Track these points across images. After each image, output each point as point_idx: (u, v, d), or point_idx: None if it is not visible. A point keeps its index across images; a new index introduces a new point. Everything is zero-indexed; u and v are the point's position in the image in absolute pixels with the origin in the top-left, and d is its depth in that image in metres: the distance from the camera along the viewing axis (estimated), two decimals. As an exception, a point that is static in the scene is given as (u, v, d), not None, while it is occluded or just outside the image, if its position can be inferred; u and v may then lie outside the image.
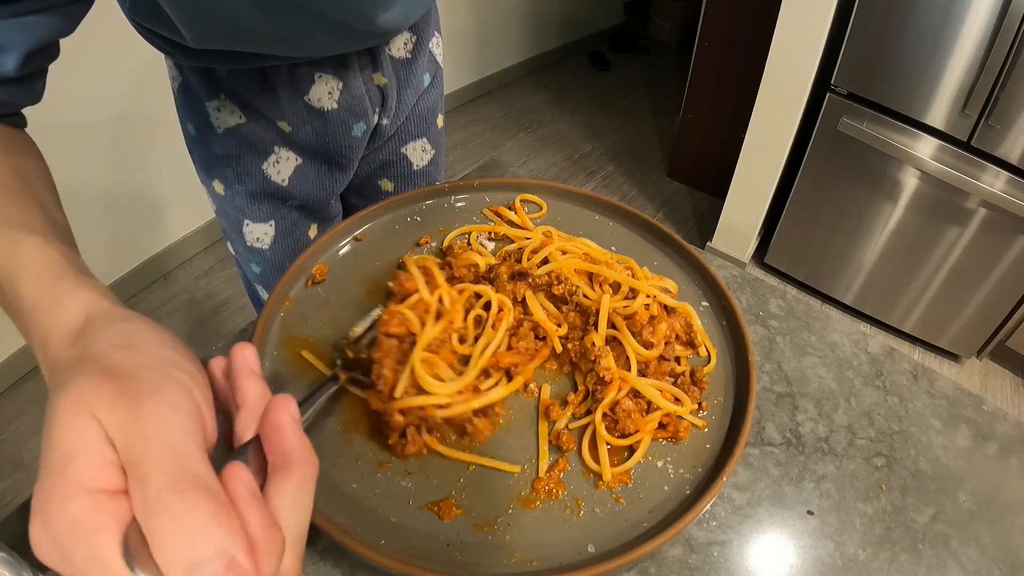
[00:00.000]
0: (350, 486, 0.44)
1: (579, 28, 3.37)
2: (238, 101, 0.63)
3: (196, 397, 0.25)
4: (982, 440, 0.54)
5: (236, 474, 0.23)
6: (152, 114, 1.55)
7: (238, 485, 0.23)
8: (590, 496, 0.45)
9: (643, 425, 0.47)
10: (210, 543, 0.20)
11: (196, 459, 0.22)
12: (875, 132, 1.55)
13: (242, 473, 0.23)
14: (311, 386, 0.48)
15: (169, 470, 0.21)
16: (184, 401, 0.24)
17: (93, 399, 0.23)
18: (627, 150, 2.71)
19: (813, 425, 0.54)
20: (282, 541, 0.23)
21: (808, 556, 0.45)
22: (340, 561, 0.43)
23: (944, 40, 1.37)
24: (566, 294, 0.54)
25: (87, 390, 0.23)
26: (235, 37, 0.51)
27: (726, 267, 0.67)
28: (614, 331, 0.51)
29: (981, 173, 1.47)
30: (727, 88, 2.14)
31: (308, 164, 0.70)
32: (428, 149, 0.81)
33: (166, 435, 0.22)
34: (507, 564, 0.41)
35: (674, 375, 0.52)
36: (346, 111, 0.66)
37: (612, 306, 0.52)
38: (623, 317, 0.52)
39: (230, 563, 0.20)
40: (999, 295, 1.63)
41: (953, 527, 0.48)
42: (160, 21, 0.52)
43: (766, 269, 2.07)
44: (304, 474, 0.26)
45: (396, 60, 0.68)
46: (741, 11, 1.98)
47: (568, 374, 0.52)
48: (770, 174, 1.83)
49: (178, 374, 0.25)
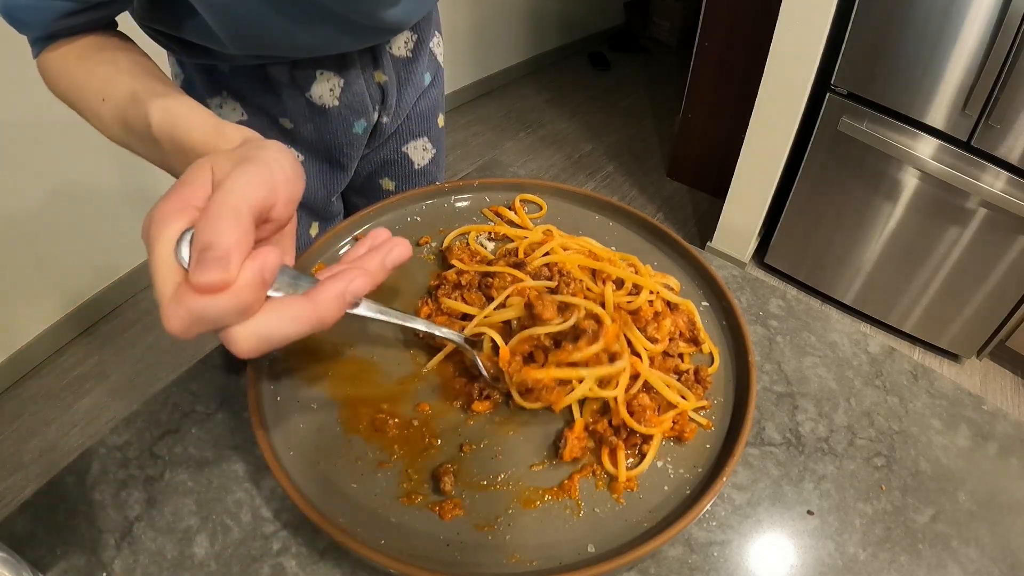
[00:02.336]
0: (350, 486, 0.44)
1: (579, 28, 3.37)
2: (240, 98, 0.64)
3: (276, 178, 0.32)
4: (982, 440, 0.54)
5: (265, 250, 0.29)
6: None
7: (260, 253, 0.29)
8: (590, 496, 0.45)
9: (657, 423, 0.47)
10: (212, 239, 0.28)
11: (244, 204, 0.30)
12: (875, 132, 1.55)
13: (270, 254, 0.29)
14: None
15: (221, 202, 0.29)
16: (262, 174, 0.32)
17: (217, 159, 0.33)
18: (627, 150, 2.71)
19: (813, 425, 0.54)
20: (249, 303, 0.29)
21: (808, 556, 0.45)
22: (340, 561, 0.43)
23: (944, 40, 1.37)
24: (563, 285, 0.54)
25: (216, 156, 0.33)
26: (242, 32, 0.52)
27: (726, 267, 0.67)
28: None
29: (981, 173, 1.47)
30: (727, 88, 2.14)
31: (309, 162, 0.70)
32: (429, 148, 0.81)
33: (236, 184, 0.30)
34: (507, 564, 0.41)
35: (678, 372, 0.52)
36: (347, 108, 0.66)
37: (616, 300, 0.52)
38: (628, 312, 0.52)
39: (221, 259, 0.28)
40: (999, 295, 1.63)
41: (953, 527, 0.48)
42: (164, 20, 0.53)
43: (766, 269, 2.07)
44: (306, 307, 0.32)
45: (397, 58, 0.69)
46: (741, 11, 1.97)
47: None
48: (770, 174, 1.83)
49: (274, 164, 0.33)
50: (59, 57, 0.49)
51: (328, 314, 0.32)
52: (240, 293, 0.28)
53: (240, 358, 0.31)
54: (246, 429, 0.49)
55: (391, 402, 0.49)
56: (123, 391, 1.56)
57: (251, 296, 0.29)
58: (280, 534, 0.44)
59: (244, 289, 0.28)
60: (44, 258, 1.53)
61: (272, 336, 0.31)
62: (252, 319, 0.30)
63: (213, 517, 0.45)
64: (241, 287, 0.28)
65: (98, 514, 0.45)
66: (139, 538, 0.43)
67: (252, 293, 0.29)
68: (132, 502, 0.45)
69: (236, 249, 0.28)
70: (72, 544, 0.43)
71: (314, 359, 0.51)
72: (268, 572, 0.42)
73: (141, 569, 0.42)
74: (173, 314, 0.28)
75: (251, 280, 0.28)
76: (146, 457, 0.48)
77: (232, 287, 0.28)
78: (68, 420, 1.50)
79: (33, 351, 1.60)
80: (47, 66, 0.49)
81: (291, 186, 0.34)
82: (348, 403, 0.49)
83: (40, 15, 0.46)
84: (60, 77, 0.49)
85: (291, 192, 0.34)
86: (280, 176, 0.33)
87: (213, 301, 0.28)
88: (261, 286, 0.29)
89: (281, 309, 0.31)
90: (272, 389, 0.49)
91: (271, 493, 0.46)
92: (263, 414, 0.46)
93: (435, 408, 0.49)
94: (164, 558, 0.43)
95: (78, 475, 0.47)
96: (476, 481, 0.45)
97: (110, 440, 0.49)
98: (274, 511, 0.45)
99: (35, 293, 1.56)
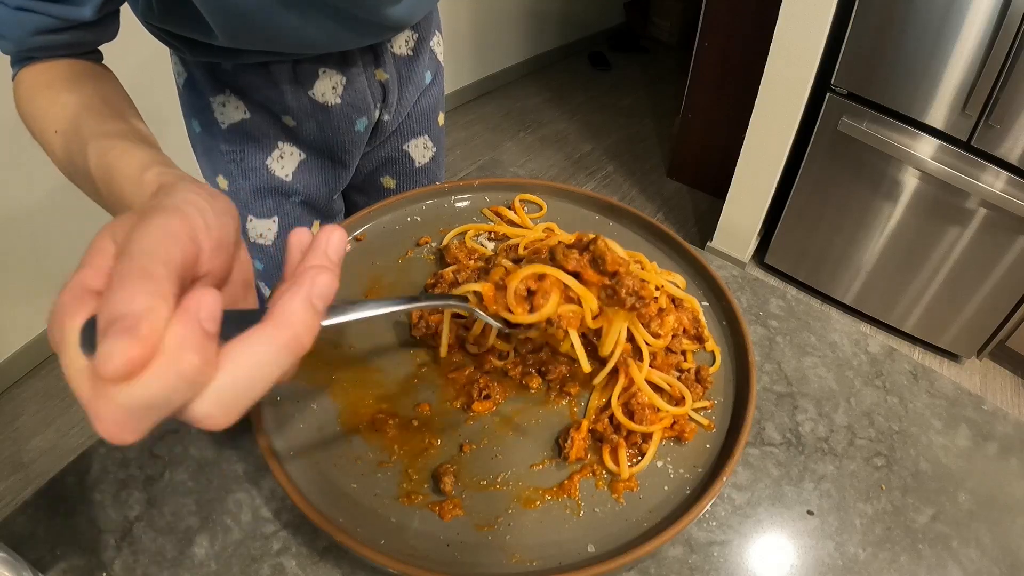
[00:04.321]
0: (350, 486, 0.44)
1: (579, 28, 3.37)
2: (242, 96, 0.64)
3: (193, 224, 0.26)
4: (982, 440, 0.54)
5: (197, 294, 0.23)
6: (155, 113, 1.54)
7: (189, 300, 0.23)
8: (590, 496, 0.45)
9: (656, 421, 0.47)
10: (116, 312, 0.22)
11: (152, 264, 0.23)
12: (875, 132, 1.55)
13: (204, 296, 0.23)
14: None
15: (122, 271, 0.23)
16: (171, 224, 0.26)
17: (117, 223, 0.26)
18: (627, 150, 2.70)
19: (813, 425, 0.54)
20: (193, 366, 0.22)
21: (808, 556, 0.45)
22: (340, 561, 0.43)
23: (944, 40, 1.37)
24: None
25: (116, 220, 0.27)
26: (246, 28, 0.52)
27: (726, 267, 0.67)
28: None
29: (981, 173, 1.47)
30: (727, 88, 2.13)
31: (311, 159, 0.71)
32: (430, 146, 0.81)
33: (139, 245, 0.24)
34: (507, 564, 0.41)
35: (680, 370, 0.52)
36: (349, 106, 0.67)
37: None
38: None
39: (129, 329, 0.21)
40: (999, 295, 1.63)
41: (953, 527, 0.48)
42: (174, 20, 0.53)
43: (766, 269, 2.07)
44: (273, 332, 0.25)
45: (398, 57, 0.69)
46: (741, 11, 1.97)
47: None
48: (770, 174, 1.83)
49: (189, 209, 0.27)
50: (30, 78, 0.47)
51: (303, 330, 0.26)
52: (176, 357, 0.22)
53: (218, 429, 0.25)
54: (246, 429, 0.49)
55: (391, 402, 0.49)
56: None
57: (192, 357, 0.22)
58: (280, 534, 0.44)
59: (178, 351, 0.22)
60: (44, 258, 1.53)
61: (246, 390, 0.24)
62: (213, 382, 0.23)
63: (213, 517, 0.45)
64: (174, 349, 0.22)
65: (98, 514, 0.45)
66: (139, 538, 0.43)
67: (192, 353, 0.22)
68: (132, 502, 0.45)
69: (149, 313, 0.22)
70: (72, 544, 0.43)
71: (314, 359, 0.51)
72: (268, 572, 0.42)
73: (141, 569, 0.42)
74: (101, 416, 0.22)
75: (185, 336, 0.22)
76: (146, 457, 0.48)
77: (163, 355, 0.22)
78: (68, 420, 1.50)
79: (33, 351, 1.60)
80: (17, 87, 0.47)
81: (216, 231, 0.27)
82: (348, 403, 0.49)
83: (16, 29, 0.44)
84: (25, 101, 0.47)
85: (218, 237, 0.27)
86: (198, 221, 0.26)
87: (144, 382, 0.21)
88: (202, 339, 0.22)
89: (244, 352, 0.24)
90: (272, 389, 0.49)
91: (271, 493, 0.46)
92: (263, 414, 0.46)
93: (435, 408, 0.49)
94: (164, 558, 0.43)
95: (78, 475, 0.47)
96: (476, 481, 0.45)
97: (110, 440, 0.49)
98: (274, 511, 0.45)
99: (35, 292, 1.55)
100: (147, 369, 0.21)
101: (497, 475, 0.46)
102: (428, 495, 0.44)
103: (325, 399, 0.49)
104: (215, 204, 0.28)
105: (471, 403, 0.49)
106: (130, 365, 0.21)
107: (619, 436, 0.47)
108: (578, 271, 0.46)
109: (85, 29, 0.47)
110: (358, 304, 0.34)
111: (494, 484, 0.45)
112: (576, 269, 0.45)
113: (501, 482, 0.45)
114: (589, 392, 0.51)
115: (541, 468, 0.46)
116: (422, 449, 0.47)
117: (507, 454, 0.47)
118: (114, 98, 0.46)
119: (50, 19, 0.44)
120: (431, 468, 0.45)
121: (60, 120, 0.43)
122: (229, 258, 0.29)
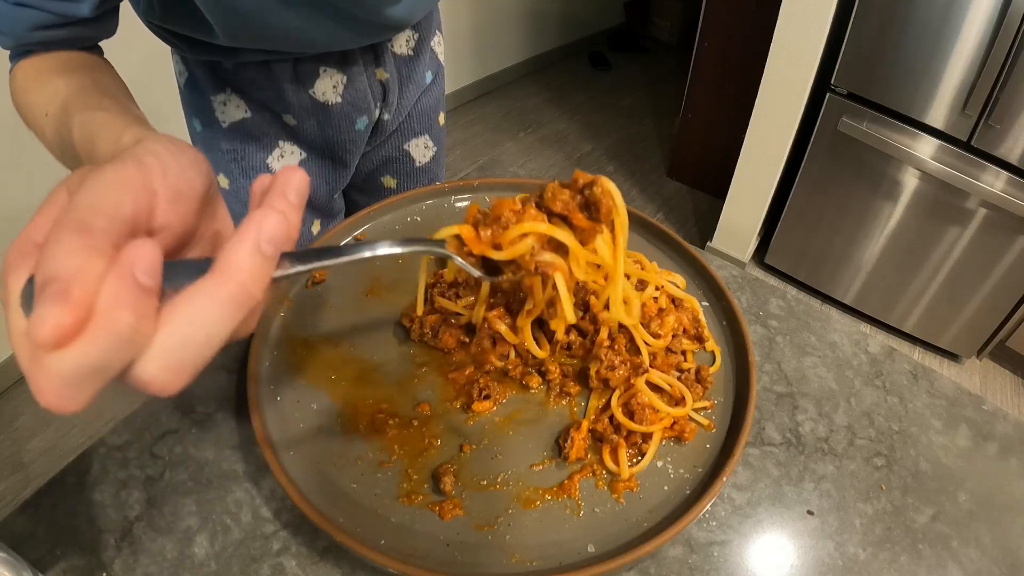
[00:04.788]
0: (350, 486, 0.44)
1: (579, 28, 3.37)
2: (243, 95, 0.64)
3: (150, 175, 0.24)
4: (982, 440, 0.54)
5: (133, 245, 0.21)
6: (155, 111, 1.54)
7: (124, 254, 0.21)
8: (590, 496, 0.45)
9: (656, 421, 0.47)
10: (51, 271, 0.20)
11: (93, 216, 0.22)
12: (875, 132, 1.55)
13: (139, 248, 0.21)
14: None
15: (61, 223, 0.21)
16: (124, 175, 0.24)
17: (73, 176, 0.25)
18: (627, 150, 2.70)
19: (813, 425, 0.54)
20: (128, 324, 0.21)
21: (808, 556, 0.45)
22: (340, 561, 0.43)
23: (944, 40, 1.37)
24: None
25: (76, 171, 0.25)
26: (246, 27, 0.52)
27: (726, 267, 0.67)
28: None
29: (981, 173, 1.46)
30: (727, 88, 2.13)
31: (312, 158, 0.71)
32: (430, 146, 0.82)
33: (83, 197, 0.22)
34: (507, 564, 0.41)
35: (680, 370, 0.52)
36: (349, 105, 0.67)
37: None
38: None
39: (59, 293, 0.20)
40: (999, 295, 1.63)
41: (953, 527, 0.48)
42: (175, 19, 0.53)
43: (766, 269, 2.07)
44: (217, 284, 0.22)
45: (399, 56, 0.69)
46: (741, 11, 1.97)
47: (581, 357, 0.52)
48: (770, 174, 1.83)
49: (147, 159, 0.25)
50: (25, 68, 0.47)
51: (250, 280, 0.23)
52: (109, 317, 0.20)
53: (167, 395, 0.23)
54: (246, 429, 0.49)
55: (391, 402, 0.49)
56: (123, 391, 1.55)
57: (126, 315, 0.20)
58: (280, 534, 0.44)
59: (112, 309, 0.20)
60: (44, 258, 1.53)
61: (193, 348, 0.22)
62: (154, 341, 0.21)
63: (213, 517, 0.45)
64: (108, 308, 0.20)
65: (98, 514, 0.45)
66: (139, 538, 0.43)
67: (127, 311, 0.20)
68: (132, 502, 0.45)
69: (81, 273, 0.20)
70: (72, 544, 0.43)
71: (314, 359, 0.51)
72: (268, 572, 0.42)
73: (141, 569, 0.42)
74: (40, 386, 0.20)
75: (119, 293, 0.20)
76: (146, 457, 0.48)
77: (96, 316, 0.20)
78: (68, 420, 1.50)
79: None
80: (13, 79, 0.47)
81: (175, 181, 0.25)
82: (348, 403, 0.49)
83: (14, 24, 0.44)
84: (19, 91, 0.47)
85: (176, 187, 0.25)
86: (155, 171, 0.24)
87: (79, 349, 0.20)
88: (137, 295, 0.21)
89: (187, 307, 0.22)
90: (272, 389, 0.49)
91: (271, 493, 0.46)
92: (263, 414, 0.46)
93: (435, 408, 0.49)
94: (164, 558, 0.43)
95: (78, 475, 0.47)
96: (476, 481, 0.45)
97: (110, 440, 0.49)
98: (274, 511, 0.45)
99: (35, 293, 1.56)
100: (81, 334, 0.20)
101: (497, 475, 0.46)
102: (428, 495, 0.44)
103: (325, 399, 0.49)
104: (180, 156, 0.26)
105: (471, 403, 0.49)
106: (61, 331, 0.19)
107: (619, 436, 0.47)
108: (565, 214, 0.40)
109: (83, 25, 0.47)
110: (319, 252, 0.30)
111: (494, 484, 0.45)
112: (563, 211, 0.40)
113: (501, 482, 0.45)
114: (589, 392, 0.51)
115: (541, 468, 0.46)
116: (422, 449, 0.47)
117: (507, 454, 0.47)
118: (108, 82, 0.46)
119: (48, 15, 0.44)
120: (431, 468, 0.45)
121: (51, 104, 0.42)
122: (192, 212, 0.26)
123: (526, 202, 0.40)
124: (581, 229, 0.40)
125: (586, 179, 0.41)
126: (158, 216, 0.24)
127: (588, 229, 0.40)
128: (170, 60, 0.67)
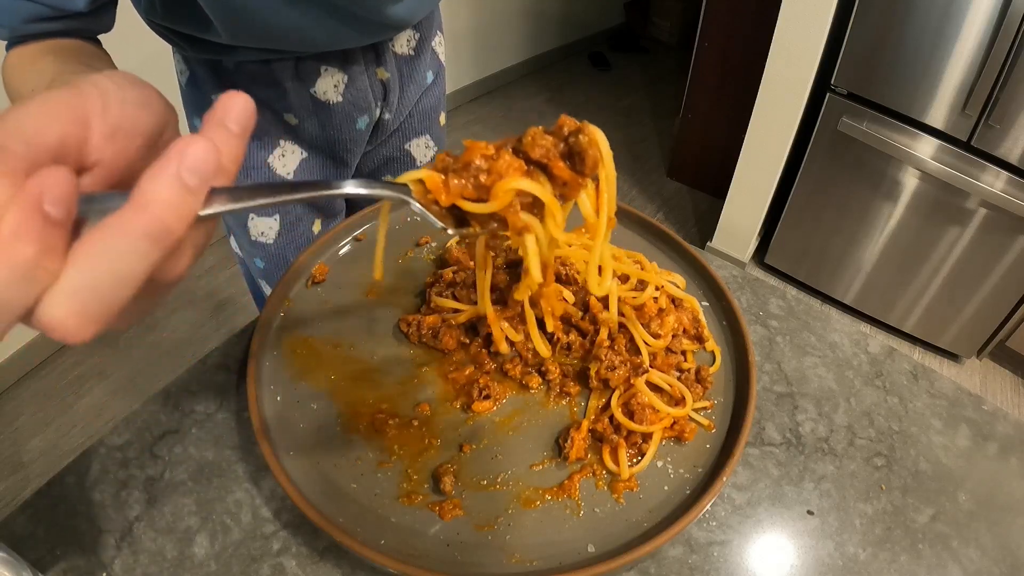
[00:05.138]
0: (350, 486, 0.44)
1: (579, 28, 3.37)
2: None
3: (87, 109, 0.22)
4: (982, 440, 0.54)
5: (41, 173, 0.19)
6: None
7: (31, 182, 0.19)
8: (590, 496, 0.45)
9: (656, 421, 0.47)
10: None
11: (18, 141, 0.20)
12: (875, 132, 1.55)
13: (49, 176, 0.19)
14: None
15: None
16: (60, 103, 0.22)
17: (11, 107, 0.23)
18: (627, 150, 2.70)
19: (813, 425, 0.54)
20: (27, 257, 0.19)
21: (808, 556, 0.45)
22: (340, 561, 0.43)
23: (944, 40, 1.36)
24: (573, 274, 0.54)
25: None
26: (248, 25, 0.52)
27: (726, 267, 0.67)
28: (622, 318, 0.52)
29: (981, 173, 1.46)
30: (727, 88, 2.13)
31: (312, 157, 0.71)
32: (431, 146, 0.82)
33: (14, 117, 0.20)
34: (507, 564, 0.41)
35: (680, 370, 0.52)
36: (350, 104, 0.67)
37: (620, 294, 0.53)
38: (632, 308, 0.52)
39: None
40: (999, 295, 1.63)
41: (953, 527, 0.48)
42: (176, 18, 0.53)
43: (766, 269, 2.07)
44: (131, 218, 0.20)
45: (400, 56, 0.69)
46: (741, 11, 1.97)
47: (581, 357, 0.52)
48: (770, 174, 1.83)
49: (88, 88, 0.23)
50: (16, 54, 0.46)
51: (168, 213, 0.21)
52: (9, 251, 0.18)
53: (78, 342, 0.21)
54: (246, 429, 0.49)
55: (391, 402, 0.49)
56: (123, 391, 1.56)
57: (25, 247, 0.19)
58: (280, 534, 0.44)
59: (11, 240, 0.18)
60: (44, 258, 1.53)
61: (106, 288, 0.20)
62: (60, 280, 0.20)
63: (213, 517, 0.45)
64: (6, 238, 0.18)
65: (98, 514, 0.45)
66: (139, 538, 0.43)
67: (27, 243, 0.19)
68: (132, 502, 0.45)
69: None
70: (72, 544, 0.43)
71: (314, 359, 0.51)
72: (268, 572, 0.42)
73: (141, 569, 0.42)
74: None
75: (20, 223, 0.18)
76: (146, 457, 0.48)
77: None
78: (68, 420, 1.50)
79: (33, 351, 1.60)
80: (4, 66, 0.47)
81: (116, 115, 0.23)
82: (348, 403, 0.49)
83: (10, 16, 0.44)
84: (9, 75, 0.46)
85: (116, 122, 0.23)
86: (94, 103, 0.22)
87: None
88: (42, 226, 0.19)
89: (98, 243, 0.20)
90: (272, 389, 0.49)
91: (271, 493, 0.46)
92: (263, 414, 0.46)
93: (435, 408, 0.49)
94: (164, 558, 0.43)
95: (78, 475, 0.47)
96: (476, 481, 0.45)
97: (110, 440, 0.49)
98: (274, 511, 0.45)
99: (35, 293, 1.56)
100: None
101: (497, 475, 0.46)
102: (428, 495, 0.44)
103: (325, 399, 0.49)
104: (128, 90, 0.24)
105: (471, 403, 0.49)
106: None
107: (619, 436, 0.47)
108: (545, 162, 0.35)
109: (78, 19, 0.47)
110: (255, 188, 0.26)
111: (494, 484, 0.45)
112: (543, 159, 0.35)
113: (501, 482, 0.45)
114: (589, 392, 0.51)
115: (541, 468, 0.46)
116: (422, 449, 0.47)
117: (507, 454, 0.47)
118: (100, 66, 0.45)
119: (43, 7, 0.44)
120: (431, 468, 0.45)
121: (39, 82, 0.42)
122: (133, 150, 0.24)
123: (502, 147, 0.35)
124: (562, 181, 0.35)
125: (572, 126, 0.35)
126: (91, 151, 0.22)
127: (571, 181, 0.35)
128: (171, 59, 0.67)
